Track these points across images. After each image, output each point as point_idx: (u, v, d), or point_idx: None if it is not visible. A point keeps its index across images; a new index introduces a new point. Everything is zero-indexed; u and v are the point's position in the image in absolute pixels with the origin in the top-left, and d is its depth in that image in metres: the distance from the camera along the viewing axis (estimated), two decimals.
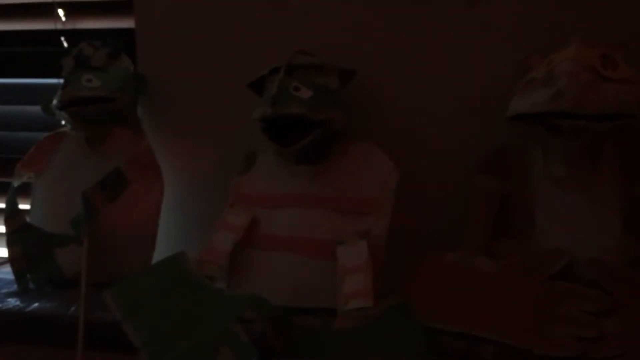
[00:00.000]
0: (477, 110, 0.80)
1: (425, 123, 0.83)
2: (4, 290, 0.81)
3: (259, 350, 0.57)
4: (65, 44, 0.97)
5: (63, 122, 0.91)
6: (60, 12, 0.97)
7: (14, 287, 0.82)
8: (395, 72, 0.83)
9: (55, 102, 0.85)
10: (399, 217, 0.73)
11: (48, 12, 0.98)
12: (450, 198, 0.80)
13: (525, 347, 0.60)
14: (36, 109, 0.91)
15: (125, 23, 0.94)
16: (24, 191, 0.88)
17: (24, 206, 0.86)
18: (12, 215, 0.84)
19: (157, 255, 0.81)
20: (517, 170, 0.74)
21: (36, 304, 0.76)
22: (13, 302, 0.77)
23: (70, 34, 0.98)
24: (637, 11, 0.75)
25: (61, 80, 0.86)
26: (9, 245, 0.83)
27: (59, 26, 0.98)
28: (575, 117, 0.65)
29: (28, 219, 0.86)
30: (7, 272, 0.85)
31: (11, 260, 0.83)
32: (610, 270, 0.64)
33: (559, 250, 0.66)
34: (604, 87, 0.64)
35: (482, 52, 0.80)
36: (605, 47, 0.67)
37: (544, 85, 0.66)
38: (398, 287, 0.70)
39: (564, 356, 0.58)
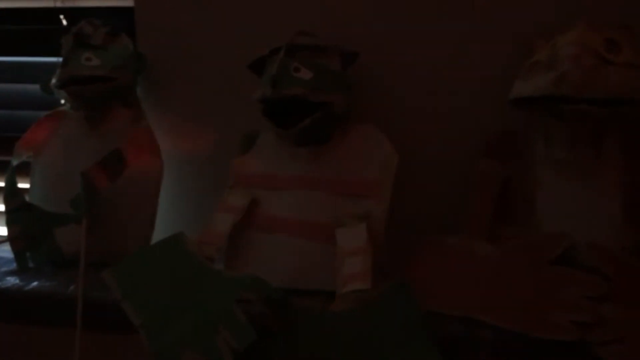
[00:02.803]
0: (478, 95, 0.80)
1: (426, 106, 0.82)
2: (4, 269, 0.82)
3: (257, 330, 0.58)
4: (65, 23, 0.97)
5: (62, 101, 0.90)
6: None
7: (13, 266, 0.82)
8: (397, 56, 0.82)
9: (54, 80, 0.85)
10: None
11: None
12: (451, 182, 0.80)
13: (523, 331, 0.60)
14: (35, 87, 0.91)
15: (125, 2, 0.94)
16: (23, 170, 0.88)
17: (23, 185, 0.86)
18: (11, 194, 0.84)
19: (156, 236, 0.81)
20: (519, 155, 0.74)
21: (35, 283, 0.76)
22: (12, 280, 0.77)
23: (69, 12, 0.97)
24: None
25: (60, 59, 0.85)
26: (8, 224, 0.83)
27: (59, 4, 0.97)
28: (578, 102, 0.64)
29: (27, 198, 0.86)
30: (6, 251, 0.85)
31: (10, 239, 0.83)
32: (609, 256, 0.64)
33: (560, 235, 0.66)
34: (608, 71, 0.63)
35: (484, 35, 0.79)
36: (610, 30, 0.66)
37: (547, 68, 0.66)
38: (398, 271, 0.70)
39: (562, 340, 0.58)
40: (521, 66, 0.71)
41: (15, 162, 0.87)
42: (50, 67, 0.89)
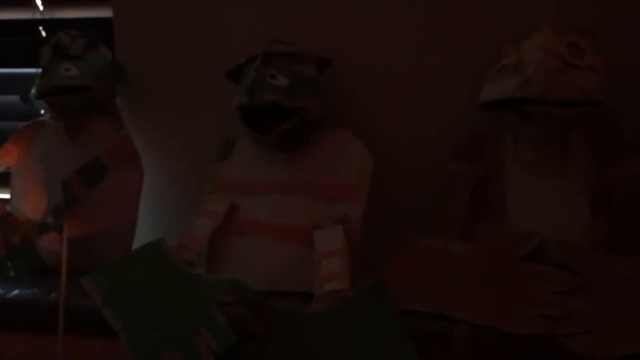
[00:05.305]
0: (451, 97, 0.82)
1: (400, 110, 0.84)
2: None
3: (237, 332, 0.58)
4: (44, 34, 0.98)
5: (42, 111, 0.91)
6: (38, 1, 0.98)
7: None
8: (372, 61, 0.84)
9: (33, 91, 0.85)
10: None
11: (26, 1, 0.98)
12: (425, 183, 0.82)
13: (496, 326, 0.61)
14: (15, 98, 0.91)
15: (103, 12, 0.95)
16: (3, 180, 0.88)
17: (3, 195, 0.87)
18: None
19: (137, 243, 0.82)
20: (490, 156, 0.76)
21: (17, 291, 0.76)
22: None
23: (48, 24, 0.98)
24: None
25: (39, 70, 0.86)
26: None
27: (37, 15, 0.98)
28: (543, 104, 0.66)
29: (8, 208, 0.87)
30: None
31: None
32: (577, 251, 0.66)
33: (529, 233, 0.68)
34: (571, 74, 0.66)
35: (457, 39, 0.81)
36: (573, 34, 0.69)
37: (513, 72, 0.68)
38: (375, 271, 0.72)
39: (531, 334, 0.59)
40: (489, 70, 0.73)
41: None
42: (29, 78, 0.89)
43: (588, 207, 0.70)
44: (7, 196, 0.89)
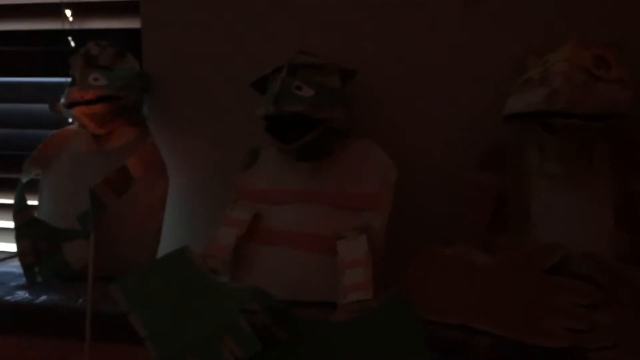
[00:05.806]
0: (474, 108, 0.82)
1: (423, 120, 0.85)
2: (13, 283, 0.83)
3: (261, 340, 0.59)
4: (73, 44, 0.99)
5: (70, 120, 0.93)
6: (68, 12, 1.00)
7: (23, 280, 0.84)
8: (395, 72, 0.85)
9: (63, 100, 0.87)
10: None
11: (56, 12, 1.00)
12: (448, 193, 0.82)
13: (519, 338, 0.61)
14: (44, 107, 0.93)
15: (132, 23, 0.96)
16: (32, 187, 0.90)
17: (32, 202, 0.88)
18: (20, 210, 0.86)
19: (162, 250, 0.83)
20: (514, 167, 0.76)
21: (44, 297, 0.77)
22: (22, 294, 0.78)
23: (77, 34, 1.00)
24: (630, 13, 0.76)
25: (69, 79, 0.88)
26: (18, 240, 0.85)
27: (67, 26, 1.00)
28: (569, 116, 0.66)
29: (36, 214, 0.88)
30: (16, 266, 0.87)
31: (20, 254, 0.84)
32: (602, 264, 0.66)
33: (554, 245, 0.68)
34: (597, 87, 0.66)
35: (479, 51, 0.82)
36: (599, 47, 0.69)
37: (539, 85, 0.68)
38: (397, 281, 0.72)
39: (556, 347, 0.59)
40: (514, 82, 0.73)
41: (24, 180, 0.89)
42: (59, 87, 0.91)
43: (612, 219, 0.70)
44: (36, 203, 0.91)
